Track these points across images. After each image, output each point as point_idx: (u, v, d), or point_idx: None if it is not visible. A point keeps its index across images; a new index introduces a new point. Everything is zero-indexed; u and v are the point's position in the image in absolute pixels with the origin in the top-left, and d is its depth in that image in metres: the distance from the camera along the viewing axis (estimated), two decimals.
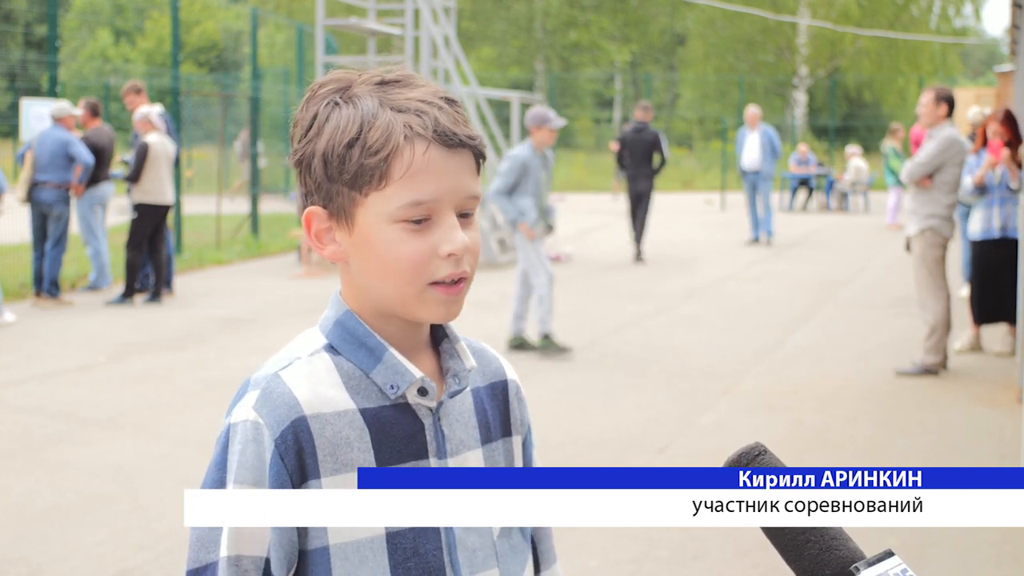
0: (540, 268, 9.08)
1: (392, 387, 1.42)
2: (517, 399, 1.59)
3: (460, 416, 1.49)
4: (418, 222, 1.38)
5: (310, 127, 1.42)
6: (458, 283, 1.41)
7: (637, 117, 16.19)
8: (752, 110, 18.52)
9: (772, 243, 17.96)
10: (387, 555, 1.39)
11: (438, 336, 1.51)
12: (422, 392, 1.43)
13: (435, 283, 1.40)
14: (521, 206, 8.93)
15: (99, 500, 5.60)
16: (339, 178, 1.40)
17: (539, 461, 1.66)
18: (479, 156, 1.44)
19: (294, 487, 1.36)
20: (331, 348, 1.44)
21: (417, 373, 1.42)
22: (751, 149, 18.10)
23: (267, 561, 1.35)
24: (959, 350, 9.26)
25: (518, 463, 1.57)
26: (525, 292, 9.23)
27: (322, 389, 1.40)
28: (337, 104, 1.41)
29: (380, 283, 1.41)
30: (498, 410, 1.56)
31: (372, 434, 1.40)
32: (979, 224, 8.93)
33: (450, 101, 1.43)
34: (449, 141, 1.39)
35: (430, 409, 1.45)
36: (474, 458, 1.49)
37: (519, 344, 9.18)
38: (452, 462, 1.46)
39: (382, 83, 1.42)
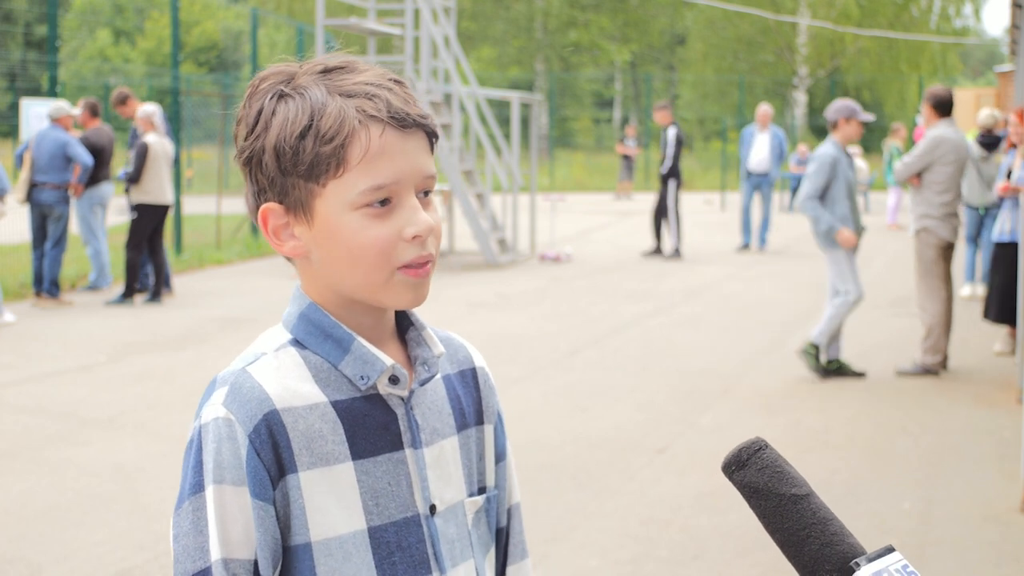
0: (852, 280, 8.30)
1: (362, 378, 1.39)
2: (487, 387, 1.56)
3: (433, 404, 1.46)
4: (381, 205, 1.35)
5: (256, 122, 1.38)
6: (424, 265, 1.39)
7: (669, 120, 16.50)
8: (764, 109, 17.70)
9: (764, 251, 17.28)
10: (371, 551, 1.36)
11: (403, 325, 1.48)
12: (393, 381, 1.40)
13: (402, 267, 1.37)
14: (839, 212, 8.24)
15: (99, 500, 5.61)
16: (294, 171, 1.36)
17: (511, 452, 1.63)
18: (432, 135, 1.41)
19: (272, 483, 1.33)
20: (297, 343, 1.41)
21: (387, 361, 1.39)
22: (760, 150, 17.24)
23: (255, 563, 1.32)
24: (999, 352, 9.17)
25: (489, 452, 1.54)
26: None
27: (291, 383, 1.37)
28: (282, 96, 1.37)
29: (347, 272, 1.38)
30: (471, 397, 1.53)
31: (345, 426, 1.38)
32: (1006, 225, 8.90)
33: (398, 82, 1.40)
34: (403, 122, 1.36)
35: (402, 399, 1.42)
36: (450, 446, 1.47)
37: (837, 368, 8.38)
38: (428, 452, 1.43)
39: (326, 71, 1.39)
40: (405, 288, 1.38)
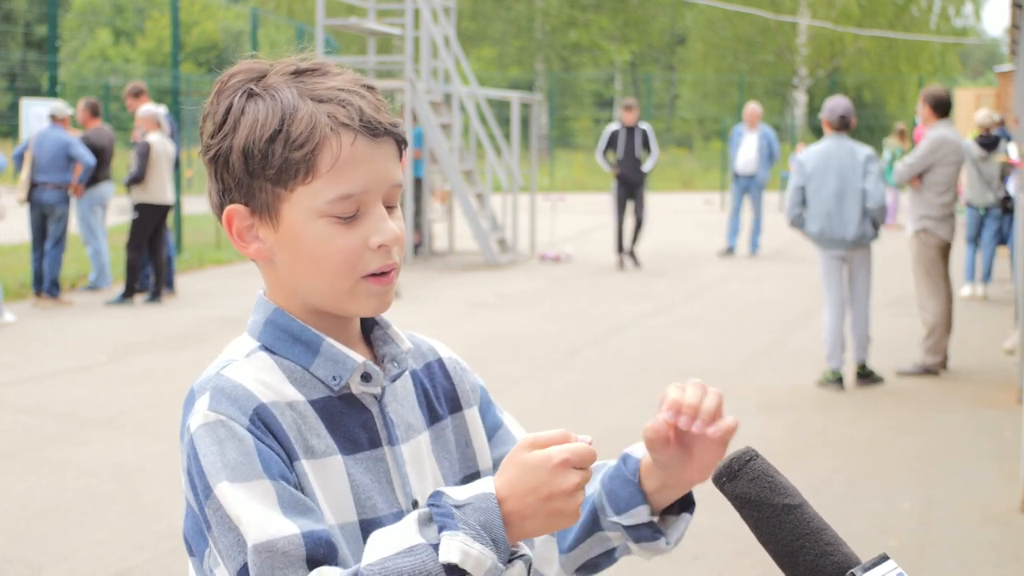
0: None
1: (334, 378, 1.38)
2: (459, 371, 1.55)
3: (404, 400, 1.45)
4: (347, 216, 1.34)
5: (224, 120, 1.36)
6: (389, 273, 1.38)
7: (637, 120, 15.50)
8: (752, 107, 16.94)
9: (756, 256, 16.63)
10: (362, 542, 1.34)
11: (368, 326, 1.47)
12: (365, 378, 1.39)
13: (366, 276, 1.36)
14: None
15: (99, 500, 5.61)
16: (262, 174, 1.34)
17: (512, 415, 1.60)
18: (401, 143, 1.40)
19: (287, 465, 1.30)
20: (265, 349, 1.40)
21: (358, 358, 1.38)
22: (747, 150, 16.49)
23: (308, 535, 1.26)
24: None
25: (477, 435, 1.52)
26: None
27: (269, 382, 1.35)
28: (252, 95, 1.36)
29: (310, 279, 1.37)
30: (442, 388, 1.52)
31: (326, 424, 1.36)
32: None
33: (369, 88, 1.38)
34: (375, 131, 1.35)
35: (375, 396, 1.41)
36: (424, 441, 1.46)
37: (839, 379, 8.05)
38: (405, 448, 1.42)
39: (297, 72, 1.37)
40: (369, 296, 1.38)
